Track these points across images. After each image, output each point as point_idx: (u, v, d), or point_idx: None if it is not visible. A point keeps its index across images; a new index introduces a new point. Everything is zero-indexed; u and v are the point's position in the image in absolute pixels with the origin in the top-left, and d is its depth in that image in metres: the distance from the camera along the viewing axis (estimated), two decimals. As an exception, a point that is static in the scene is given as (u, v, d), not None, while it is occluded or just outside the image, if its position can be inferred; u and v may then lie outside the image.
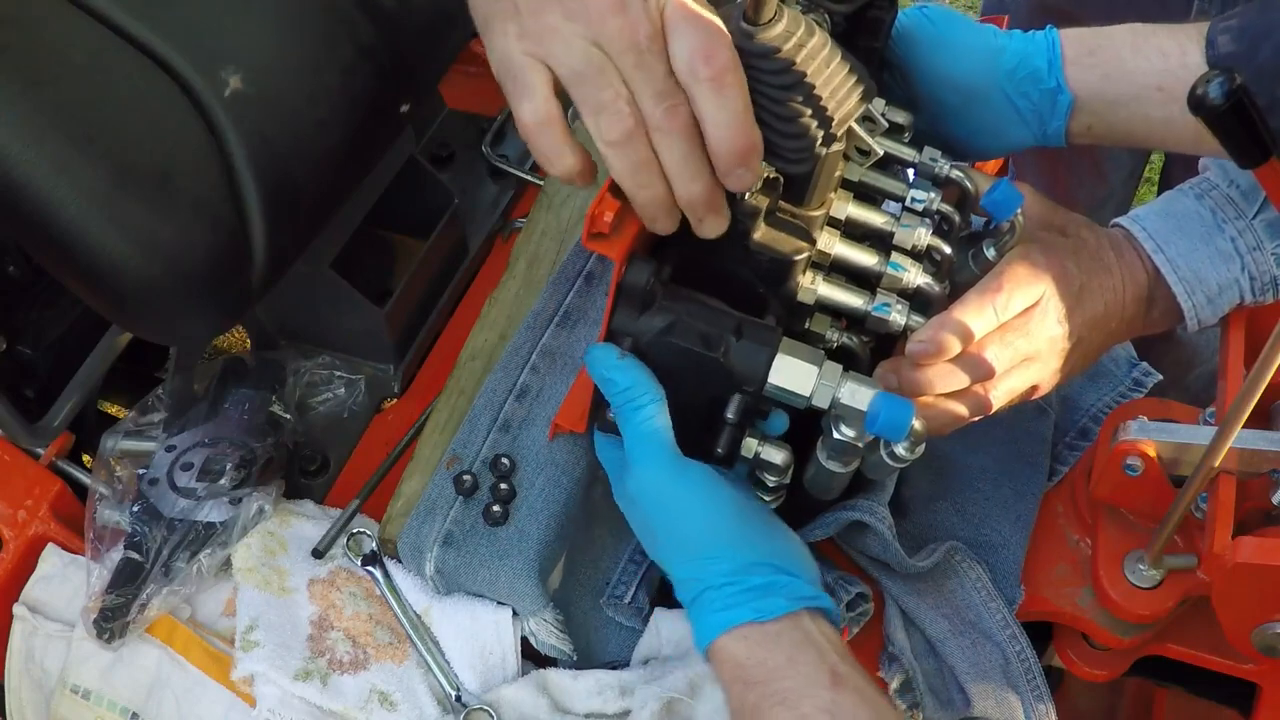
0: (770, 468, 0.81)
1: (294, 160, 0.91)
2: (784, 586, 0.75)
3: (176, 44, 0.87)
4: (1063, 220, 0.88)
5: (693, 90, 0.66)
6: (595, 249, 0.73)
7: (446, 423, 0.97)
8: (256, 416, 1.04)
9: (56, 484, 1.00)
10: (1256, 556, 0.77)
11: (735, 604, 0.75)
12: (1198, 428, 0.87)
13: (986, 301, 0.79)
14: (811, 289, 0.80)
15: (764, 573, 0.75)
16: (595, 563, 0.96)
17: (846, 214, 0.82)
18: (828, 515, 0.92)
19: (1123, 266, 0.85)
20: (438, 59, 1.11)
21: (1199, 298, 0.85)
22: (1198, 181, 0.88)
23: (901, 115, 0.86)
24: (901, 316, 0.80)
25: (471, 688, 0.89)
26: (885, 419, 0.72)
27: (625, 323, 0.76)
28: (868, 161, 0.83)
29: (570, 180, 0.71)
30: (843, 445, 0.76)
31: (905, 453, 0.75)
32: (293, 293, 1.04)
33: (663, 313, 0.76)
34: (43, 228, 0.81)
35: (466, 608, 0.91)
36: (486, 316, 1.05)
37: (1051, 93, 0.87)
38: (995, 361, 0.80)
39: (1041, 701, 0.92)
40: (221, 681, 0.90)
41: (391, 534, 0.92)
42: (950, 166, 0.85)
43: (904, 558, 0.92)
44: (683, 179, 0.68)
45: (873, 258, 0.81)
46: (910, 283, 0.81)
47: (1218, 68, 0.65)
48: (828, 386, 0.75)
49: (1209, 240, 0.85)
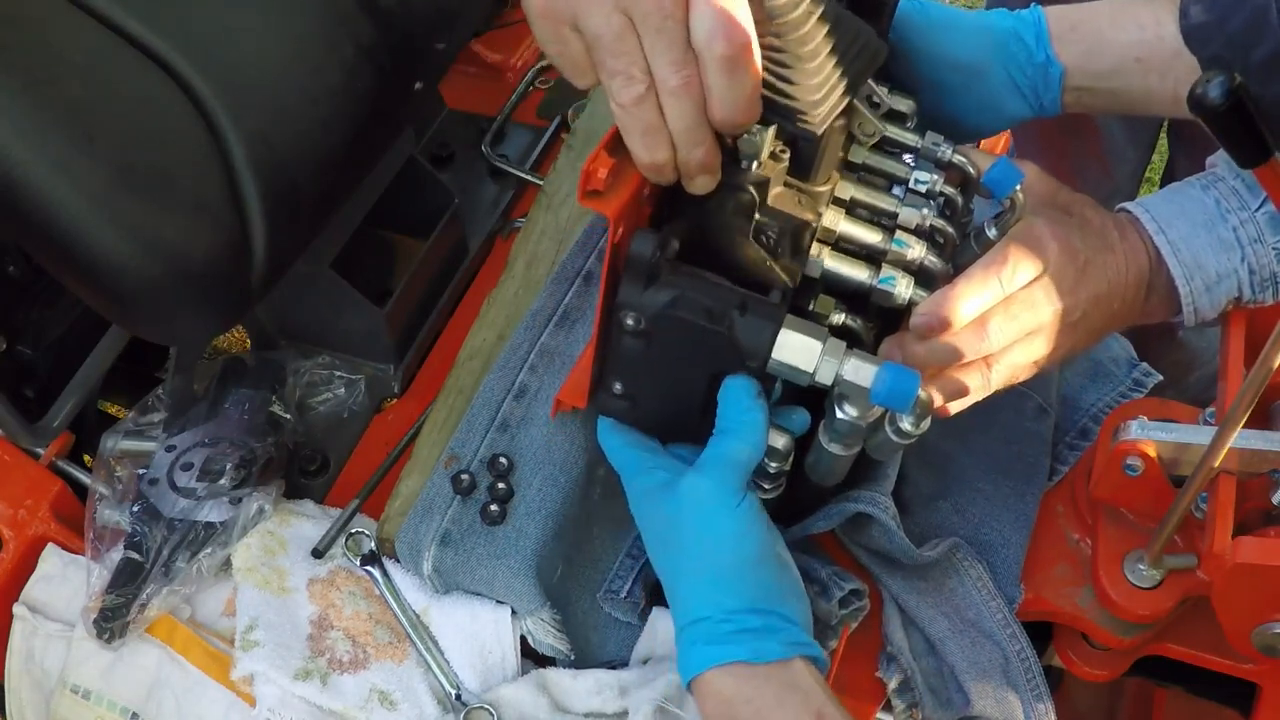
0: (771, 453, 0.80)
1: (294, 160, 0.91)
2: (780, 631, 0.76)
3: (176, 44, 0.87)
4: (1067, 199, 0.88)
5: (706, 64, 0.68)
6: (589, 206, 0.73)
7: (444, 422, 0.97)
8: (256, 416, 1.04)
9: (56, 484, 1.00)
10: (1256, 556, 0.77)
11: (731, 641, 0.75)
12: (1198, 428, 0.87)
13: (991, 274, 0.79)
14: (818, 260, 0.80)
15: (765, 617, 0.76)
16: (595, 562, 0.96)
17: (851, 195, 0.82)
18: (831, 507, 0.92)
19: (1126, 247, 0.85)
20: (438, 58, 1.11)
21: (1197, 284, 0.85)
22: (1205, 174, 0.89)
23: (904, 104, 0.86)
24: (906, 290, 0.79)
25: (471, 686, 0.89)
26: (891, 387, 0.71)
27: (630, 296, 0.76)
28: (871, 140, 0.83)
29: None
30: (846, 426, 0.76)
31: (911, 427, 0.75)
32: (293, 293, 1.04)
33: (668, 287, 0.76)
34: (43, 228, 0.81)
35: (465, 606, 0.91)
36: (485, 316, 1.05)
37: (1043, 66, 0.90)
38: (1000, 334, 0.80)
39: (1041, 701, 0.92)
40: (221, 681, 0.90)
41: (389, 533, 0.92)
42: (952, 151, 0.85)
43: (909, 547, 0.92)
44: (687, 145, 0.70)
45: (877, 235, 0.81)
46: (914, 259, 0.80)
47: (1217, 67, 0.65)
48: (831, 362, 0.74)
49: (1211, 228, 0.85)
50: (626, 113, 0.69)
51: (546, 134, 1.35)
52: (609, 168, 0.72)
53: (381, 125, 1.01)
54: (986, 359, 0.81)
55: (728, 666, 0.75)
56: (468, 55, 1.44)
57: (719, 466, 0.78)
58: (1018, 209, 0.82)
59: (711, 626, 0.76)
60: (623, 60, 0.68)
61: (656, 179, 0.73)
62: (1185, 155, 1.71)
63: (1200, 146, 0.88)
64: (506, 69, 1.45)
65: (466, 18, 1.13)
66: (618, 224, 0.74)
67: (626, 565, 0.95)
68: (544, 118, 1.39)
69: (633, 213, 0.76)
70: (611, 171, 0.72)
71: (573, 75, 0.72)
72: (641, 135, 0.70)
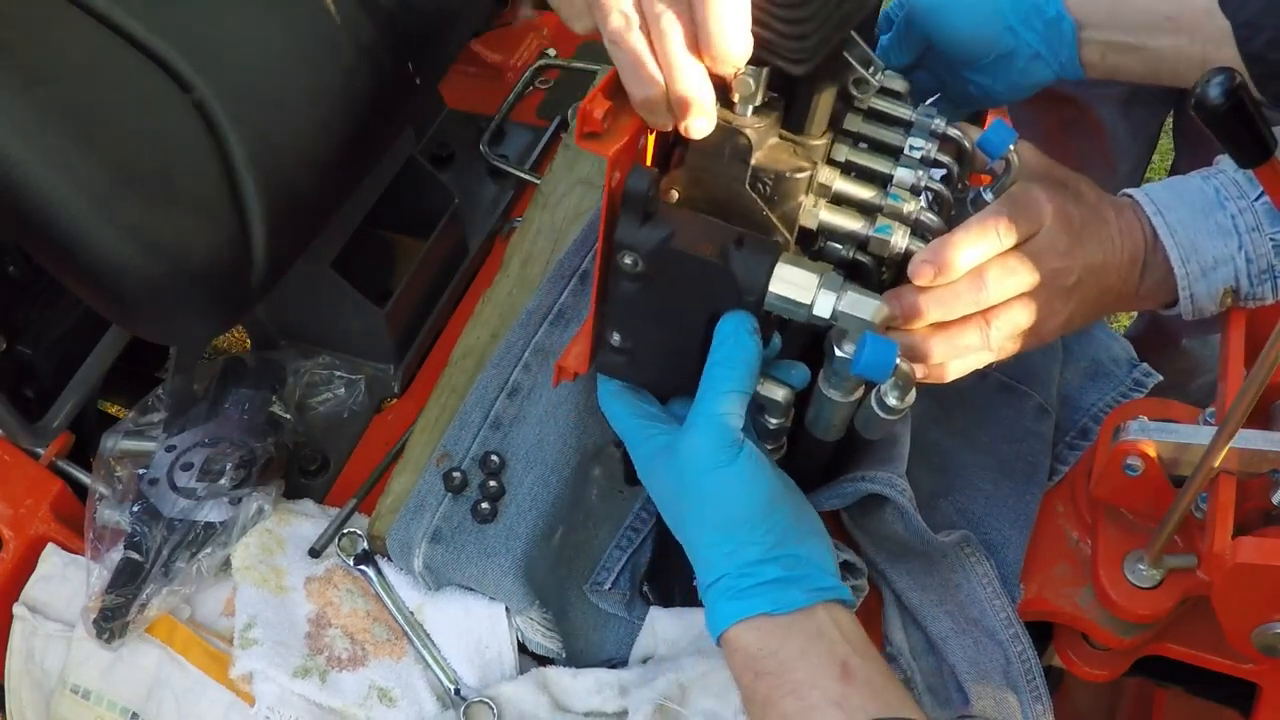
0: (771, 406, 0.80)
1: (294, 160, 0.91)
2: (802, 579, 0.75)
3: (176, 44, 0.87)
4: (1062, 175, 0.89)
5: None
6: (587, 148, 0.73)
7: (437, 420, 0.97)
8: (256, 416, 1.04)
9: (56, 484, 1.00)
10: (1256, 556, 0.77)
11: (752, 594, 0.74)
12: (1198, 428, 0.87)
13: (989, 225, 0.79)
14: (814, 211, 0.80)
15: (785, 564, 0.75)
16: (591, 559, 0.96)
17: (846, 157, 0.82)
18: (843, 485, 0.91)
19: (1121, 225, 0.86)
20: (438, 58, 1.11)
21: (1193, 267, 0.85)
22: (1207, 168, 0.89)
23: (899, 82, 0.87)
24: (903, 240, 0.79)
25: (470, 682, 0.89)
26: (869, 357, 0.71)
27: (627, 234, 0.75)
28: (866, 96, 0.83)
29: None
30: (845, 365, 0.75)
31: (895, 401, 0.74)
32: (293, 293, 1.04)
33: (664, 223, 0.75)
34: (43, 228, 0.81)
35: (460, 602, 0.91)
36: (479, 315, 1.05)
37: (1054, 21, 0.90)
38: (997, 286, 0.80)
39: (1040, 702, 0.92)
40: (221, 681, 0.90)
41: (380, 530, 0.92)
42: (946, 123, 0.85)
43: (924, 529, 0.91)
44: (676, 79, 0.71)
45: (872, 190, 0.81)
46: (910, 212, 0.80)
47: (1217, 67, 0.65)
48: (829, 295, 0.74)
49: (1209, 214, 0.85)
50: (618, 47, 0.71)
51: (546, 134, 1.36)
52: (605, 109, 0.71)
53: (381, 125, 1.01)
54: (985, 314, 0.80)
55: (751, 620, 0.74)
56: (468, 55, 1.44)
57: (711, 422, 0.77)
58: (1013, 171, 0.83)
59: (731, 582, 0.75)
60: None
61: (651, 119, 0.73)
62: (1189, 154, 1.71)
63: (1204, 145, 0.88)
64: (506, 69, 1.45)
65: (466, 18, 1.13)
66: (615, 167, 0.73)
67: (614, 557, 0.95)
68: (544, 118, 1.39)
69: (632, 160, 0.75)
70: (609, 114, 0.72)
71: (569, 17, 0.74)
72: (633, 70, 0.71)
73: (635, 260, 0.76)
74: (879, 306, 0.73)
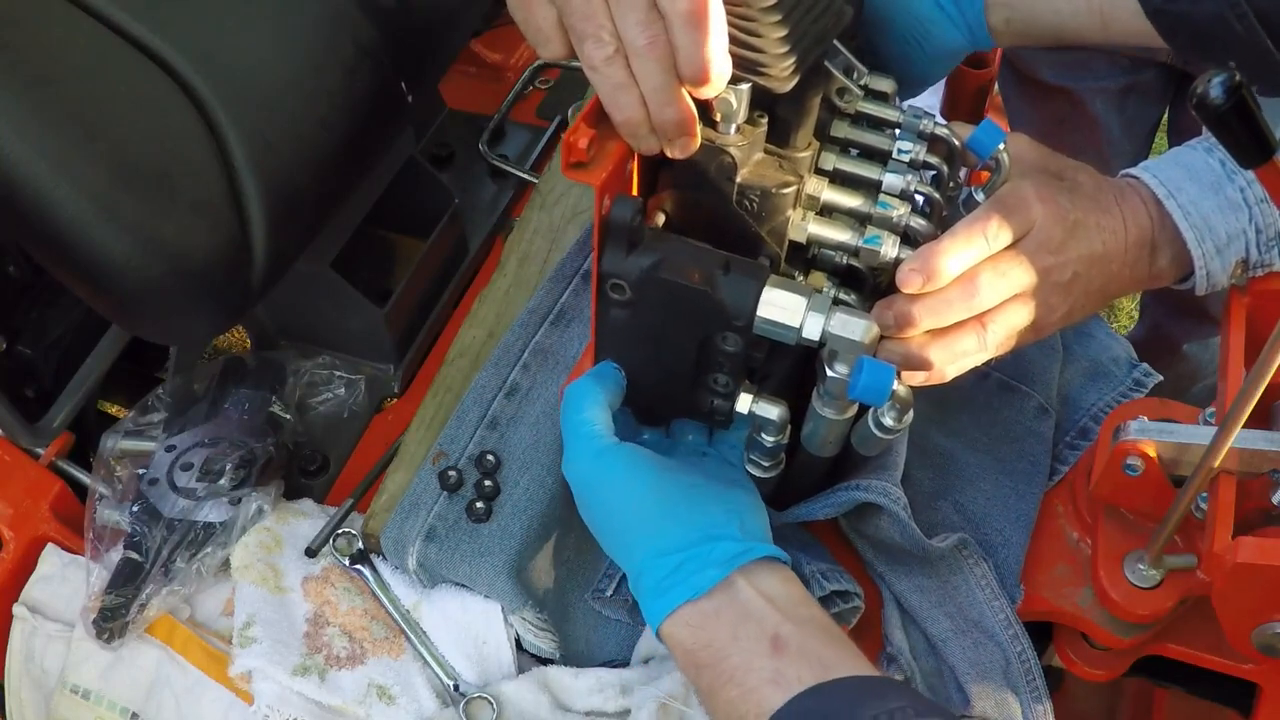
0: (767, 425, 0.80)
1: (294, 160, 0.91)
2: (709, 554, 0.75)
3: (176, 44, 0.87)
4: (1059, 165, 0.88)
5: (671, 22, 0.68)
6: (575, 178, 0.73)
7: (432, 419, 0.97)
8: (256, 416, 1.04)
9: (56, 484, 1.00)
10: (1256, 556, 0.77)
11: (668, 586, 0.75)
12: (1198, 428, 0.87)
13: (976, 230, 0.79)
14: (802, 225, 0.80)
15: (688, 546, 0.75)
16: (594, 564, 0.96)
17: (834, 165, 0.82)
18: (838, 494, 0.91)
19: (1124, 209, 0.85)
20: (438, 59, 1.11)
21: (1208, 247, 0.85)
22: (1207, 137, 0.88)
23: (885, 83, 0.86)
24: (893, 249, 0.79)
25: (469, 679, 0.89)
26: (867, 381, 0.71)
27: (614, 263, 0.76)
28: (850, 105, 0.83)
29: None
30: (838, 385, 0.75)
31: (892, 422, 0.74)
32: (293, 293, 1.04)
33: (650, 251, 0.75)
34: (43, 228, 0.81)
35: (456, 599, 0.91)
36: (476, 314, 1.05)
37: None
38: (990, 291, 0.79)
39: (1040, 702, 0.92)
40: (221, 681, 0.90)
41: (374, 529, 0.92)
42: (934, 123, 0.85)
43: (920, 537, 0.91)
44: (658, 104, 0.71)
45: (860, 199, 0.81)
46: (899, 219, 0.80)
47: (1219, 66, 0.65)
48: (817, 316, 0.74)
49: (1219, 190, 0.85)
50: (598, 74, 0.71)
51: (546, 134, 1.36)
52: (590, 138, 0.72)
53: (381, 125, 1.01)
54: (980, 318, 0.80)
55: (678, 614, 0.75)
56: (467, 55, 1.44)
57: (574, 437, 0.80)
58: (1003, 171, 0.82)
59: (649, 579, 0.76)
60: (591, 23, 0.69)
61: (635, 143, 0.73)
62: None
63: (1199, 140, 0.88)
64: (506, 69, 1.45)
65: (466, 18, 1.13)
66: (604, 194, 0.73)
67: (615, 566, 0.95)
68: (543, 118, 1.39)
69: (620, 185, 0.75)
70: (594, 142, 0.72)
71: (537, 42, 0.74)
72: (613, 96, 0.71)
73: (623, 288, 0.76)
74: (868, 326, 0.74)
